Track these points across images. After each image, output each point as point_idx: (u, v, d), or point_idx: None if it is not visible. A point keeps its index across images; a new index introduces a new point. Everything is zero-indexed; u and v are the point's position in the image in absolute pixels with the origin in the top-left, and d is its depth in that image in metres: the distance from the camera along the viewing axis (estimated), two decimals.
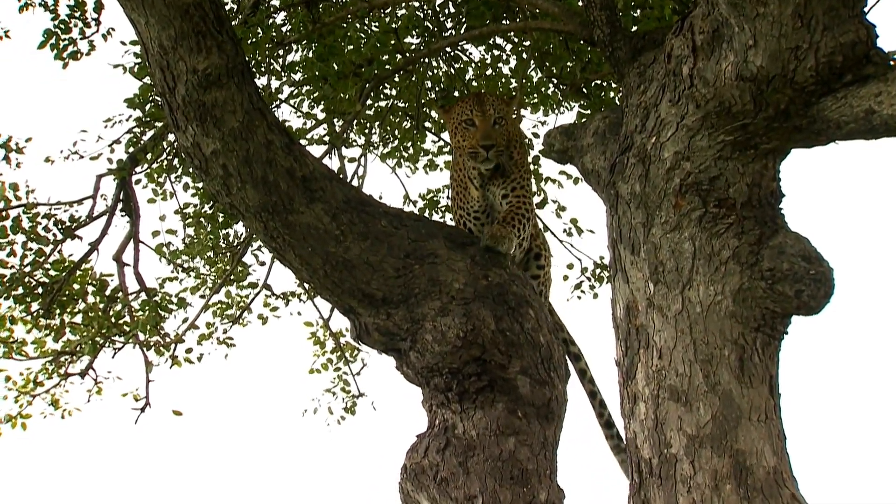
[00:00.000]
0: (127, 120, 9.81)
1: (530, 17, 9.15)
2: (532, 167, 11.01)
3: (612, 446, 7.00)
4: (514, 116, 6.90)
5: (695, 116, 5.11)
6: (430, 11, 9.74)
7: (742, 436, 5.00)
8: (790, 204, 5.37)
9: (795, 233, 5.20)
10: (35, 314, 10.06)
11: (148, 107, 9.07)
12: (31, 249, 9.98)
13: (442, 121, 6.69)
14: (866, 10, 4.88)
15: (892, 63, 4.88)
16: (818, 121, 4.86)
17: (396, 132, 11.15)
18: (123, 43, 9.44)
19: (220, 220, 10.07)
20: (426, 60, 10.12)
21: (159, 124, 9.45)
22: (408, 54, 9.23)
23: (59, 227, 10.19)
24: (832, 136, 4.96)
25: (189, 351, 10.58)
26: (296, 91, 9.92)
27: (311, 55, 9.26)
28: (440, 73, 10.69)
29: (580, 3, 8.16)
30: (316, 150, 9.61)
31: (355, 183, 10.50)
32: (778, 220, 5.26)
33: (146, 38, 5.74)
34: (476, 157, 6.48)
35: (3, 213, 9.78)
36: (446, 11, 9.91)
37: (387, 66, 8.91)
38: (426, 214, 11.10)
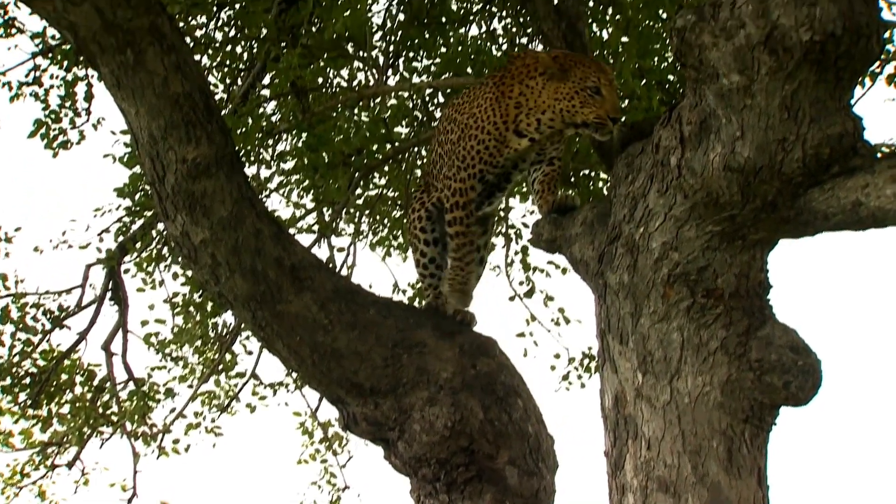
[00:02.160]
0: (116, 209, 9.85)
1: None
2: (520, 256, 11.06)
3: None
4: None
5: (683, 207, 5.12)
6: (419, 101, 9.80)
7: None
8: (778, 295, 5.39)
9: (783, 324, 5.20)
10: (23, 404, 10.02)
11: (137, 196, 9.11)
12: (19, 339, 9.97)
13: (538, 74, 6.20)
14: (853, 102, 4.93)
15: (878, 155, 4.91)
16: (805, 212, 4.87)
17: (386, 221, 11.18)
18: (113, 132, 9.49)
19: (209, 309, 10.06)
20: (415, 150, 10.17)
21: (148, 213, 9.48)
22: (397, 144, 9.28)
23: (48, 316, 10.21)
24: (820, 228, 4.97)
25: (176, 441, 10.57)
26: (285, 180, 9.96)
27: (300, 144, 9.29)
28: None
29: None
30: (305, 240, 9.65)
31: (344, 272, 10.50)
32: (766, 310, 5.26)
33: (136, 127, 5.77)
34: (602, 129, 6.00)
35: None
36: (435, 101, 9.98)
37: (376, 156, 8.96)
38: (415, 304, 11.10)
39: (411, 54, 9.90)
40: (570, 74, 6.00)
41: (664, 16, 9.32)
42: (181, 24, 9.12)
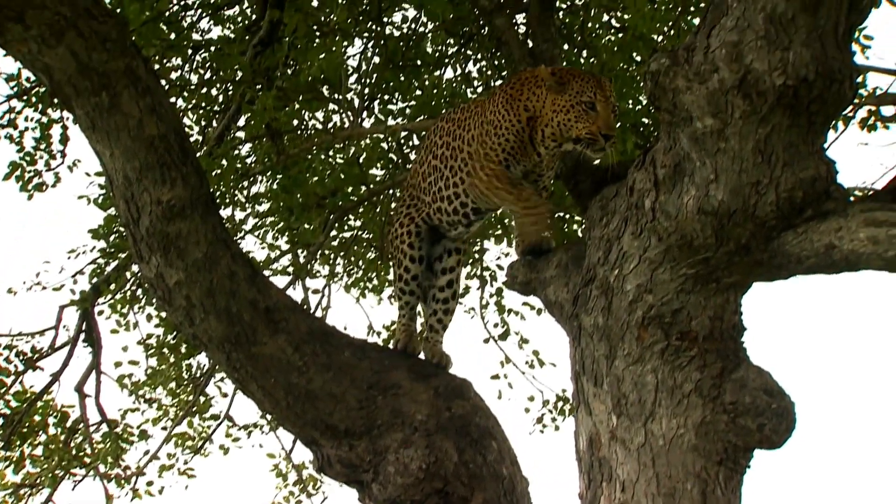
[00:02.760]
0: (91, 251, 9.84)
1: None
2: (494, 299, 11.07)
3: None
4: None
5: (657, 249, 5.14)
6: (393, 143, 9.82)
7: None
8: (751, 338, 5.40)
9: (757, 366, 5.21)
10: None
11: (112, 237, 9.11)
12: None
13: (544, 84, 6.06)
14: (826, 146, 4.95)
15: (851, 199, 4.93)
16: (779, 255, 4.88)
17: (360, 263, 11.19)
18: (88, 174, 9.50)
19: (183, 350, 10.04)
20: (390, 192, 10.19)
21: (123, 255, 9.46)
22: (372, 186, 9.30)
23: (21, 357, 10.16)
24: (793, 271, 4.98)
25: (150, 483, 10.52)
26: (260, 222, 9.97)
27: (275, 186, 9.32)
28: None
29: None
30: (280, 281, 9.64)
31: (319, 314, 10.49)
32: (740, 353, 5.27)
33: (111, 169, 5.76)
34: (593, 145, 5.85)
35: None
36: (410, 143, 10.00)
37: (351, 198, 8.98)
38: (390, 345, 11.09)
39: (386, 97, 9.94)
40: (567, 87, 5.93)
41: (638, 59, 9.38)
42: (156, 67, 9.14)
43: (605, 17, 10.53)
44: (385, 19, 9.96)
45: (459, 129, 6.54)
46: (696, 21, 5.42)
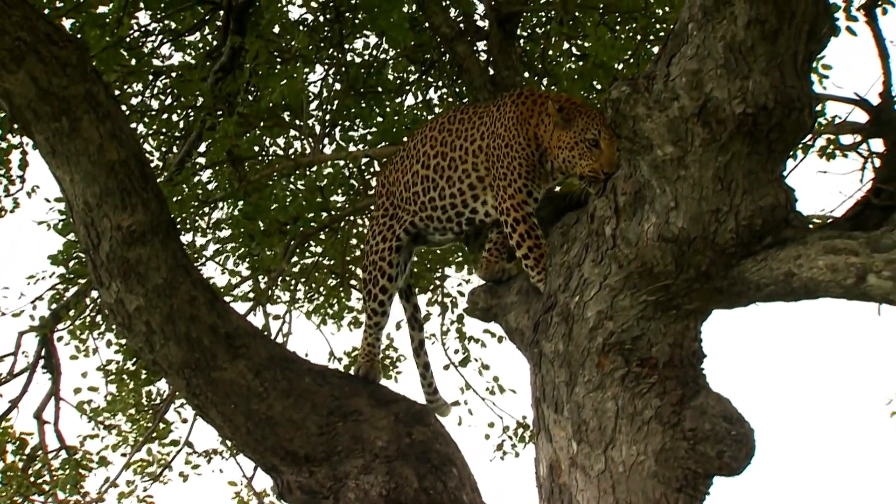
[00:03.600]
0: (50, 276, 9.79)
1: None
2: (455, 325, 11.08)
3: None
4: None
5: (617, 276, 5.15)
6: (355, 170, 9.82)
7: None
8: (711, 364, 5.41)
9: (717, 393, 5.21)
10: None
11: (72, 263, 9.07)
12: None
13: (551, 121, 5.92)
14: (785, 174, 4.98)
15: (810, 227, 4.96)
16: (738, 282, 4.90)
17: (322, 289, 11.17)
18: (48, 200, 9.46)
19: (143, 376, 10.00)
20: (352, 218, 10.18)
21: (83, 281, 9.42)
22: (333, 212, 9.29)
23: None
24: (752, 298, 5.00)
25: None
26: (221, 248, 9.94)
27: (236, 212, 9.30)
28: (365, 231, 10.75)
29: None
30: (240, 307, 9.60)
31: (280, 340, 10.46)
32: (699, 380, 5.27)
33: (71, 195, 5.74)
34: (595, 182, 5.64)
35: None
36: (371, 170, 10.01)
37: (312, 224, 8.96)
38: (351, 372, 11.07)
39: (347, 123, 9.95)
40: (573, 124, 5.80)
41: (599, 87, 9.43)
42: (117, 92, 9.13)
43: (566, 45, 10.59)
44: (346, 46, 9.99)
45: (457, 138, 6.41)
46: (656, 49, 5.43)
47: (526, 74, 10.09)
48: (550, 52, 10.63)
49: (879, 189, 5.47)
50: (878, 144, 6.63)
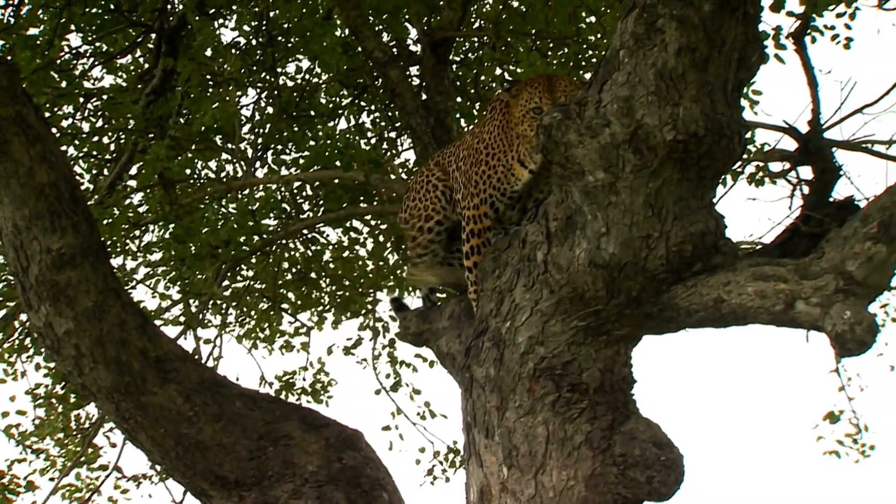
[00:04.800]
0: None
1: (387, 201, 9.26)
2: (387, 350, 11.08)
3: None
4: None
5: (549, 302, 5.16)
6: (287, 194, 9.81)
7: None
8: (641, 390, 5.43)
9: (647, 419, 5.23)
10: None
11: (0, 286, 8.97)
12: None
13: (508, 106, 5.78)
14: (715, 200, 5.03)
15: (740, 253, 5.00)
16: (669, 308, 4.93)
17: (253, 313, 11.14)
18: None
19: (72, 400, 9.92)
20: (283, 242, 10.17)
21: (11, 304, 9.33)
22: (265, 236, 9.27)
23: None
24: (682, 324, 5.03)
25: None
26: (152, 271, 9.89)
27: (167, 236, 9.25)
28: (297, 255, 10.74)
29: None
30: (171, 331, 9.54)
31: (211, 364, 10.40)
32: (630, 405, 5.29)
33: (0, 217, 5.69)
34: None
35: None
36: (304, 194, 10.00)
37: (244, 248, 8.93)
38: (282, 396, 11.04)
39: (280, 147, 9.93)
40: (520, 98, 5.75)
41: None
42: (47, 115, 9.06)
43: (498, 71, 10.64)
44: (279, 70, 9.97)
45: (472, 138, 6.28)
46: (588, 75, 5.46)
47: (458, 99, 10.15)
48: (483, 78, 10.68)
49: (808, 216, 5.53)
50: (806, 172, 6.70)
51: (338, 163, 8.84)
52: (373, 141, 11.05)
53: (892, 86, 7.33)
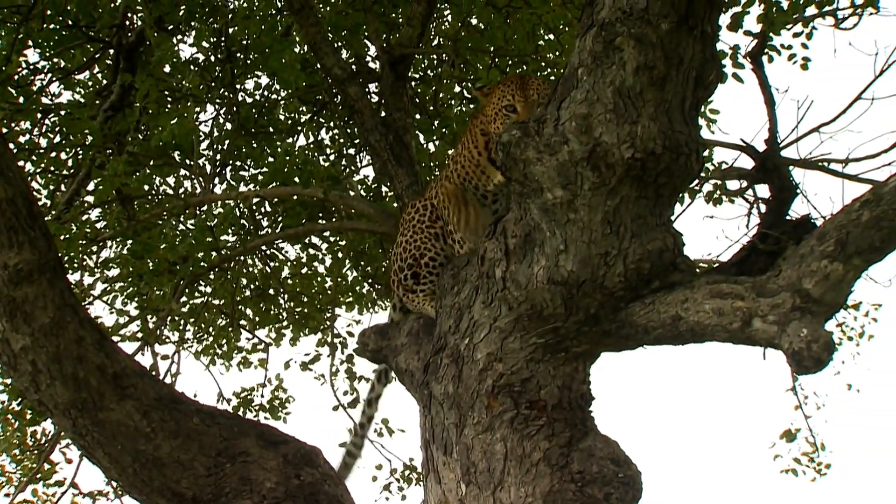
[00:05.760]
0: None
1: (345, 218, 9.26)
2: (346, 366, 11.07)
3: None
4: None
5: (507, 318, 5.17)
6: (246, 210, 9.79)
7: None
8: (599, 407, 5.44)
9: (605, 435, 5.24)
10: None
11: None
12: None
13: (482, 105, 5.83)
14: (673, 218, 5.05)
15: (697, 271, 5.03)
16: (627, 326, 4.94)
17: (211, 329, 11.11)
18: None
19: (28, 416, 9.85)
20: (242, 258, 10.15)
21: None
22: (224, 252, 9.25)
23: None
24: (640, 341, 5.04)
25: None
26: (109, 287, 9.84)
27: (125, 251, 9.22)
28: (256, 272, 10.73)
29: (394, 205, 8.32)
30: (129, 347, 9.50)
31: (168, 380, 10.36)
32: (588, 422, 5.30)
33: None
34: None
35: None
36: (262, 210, 9.99)
37: (202, 264, 8.91)
38: (240, 412, 11.01)
39: (238, 163, 9.93)
40: (492, 97, 5.84)
41: None
42: (4, 130, 9.02)
43: (457, 88, 10.66)
44: (238, 86, 9.96)
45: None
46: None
47: (417, 116, 10.16)
48: (442, 95, 10.70)
49: (765, 234, 5.56)
50: (763, 190, 6.72)
51: (297, 179, 8.84)
52: (332, 157, 11.06)
53: (847, 105, 7.38)
